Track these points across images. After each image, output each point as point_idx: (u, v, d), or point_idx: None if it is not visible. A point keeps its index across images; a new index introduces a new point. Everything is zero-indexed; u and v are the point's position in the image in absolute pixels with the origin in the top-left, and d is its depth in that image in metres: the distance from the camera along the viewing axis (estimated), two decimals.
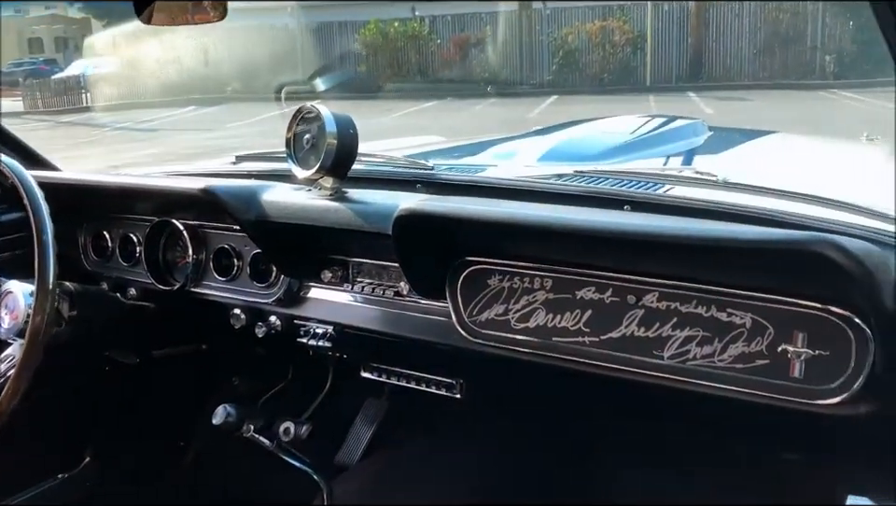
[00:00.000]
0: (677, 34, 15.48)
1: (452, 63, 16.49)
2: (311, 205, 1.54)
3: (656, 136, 2.23)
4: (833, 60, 14.18)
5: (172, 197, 1.75)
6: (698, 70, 15.35)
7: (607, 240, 1.23)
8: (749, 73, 14.84)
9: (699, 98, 13.19)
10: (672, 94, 14.05)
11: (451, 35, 16.59)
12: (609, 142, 2.16)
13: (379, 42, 16.51)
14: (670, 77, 15.52)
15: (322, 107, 1.53)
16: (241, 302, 1.75)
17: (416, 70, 16.63)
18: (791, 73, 14.43)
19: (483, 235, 1.39)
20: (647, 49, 15.41)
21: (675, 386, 1.29)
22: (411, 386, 1.74)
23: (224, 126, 13.26)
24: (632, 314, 1.32)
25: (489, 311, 1.44)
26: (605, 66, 15.48)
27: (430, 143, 2.72)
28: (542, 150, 2.02)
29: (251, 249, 1.73)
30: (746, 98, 13.05)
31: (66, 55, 28.53)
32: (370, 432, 2.13)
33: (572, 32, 15.74)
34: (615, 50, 15.39)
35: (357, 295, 1.64)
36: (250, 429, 1.73)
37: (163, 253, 1.88)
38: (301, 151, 1.58)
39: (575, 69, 15.64)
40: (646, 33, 15.43)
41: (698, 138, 2.29)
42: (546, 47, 16.06)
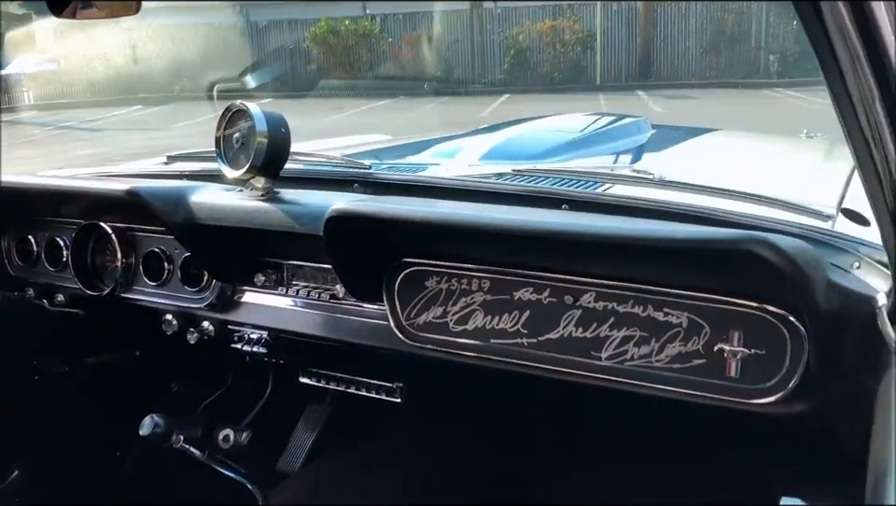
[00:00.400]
0: (626, 33, 15.65)
1: (403, 62, 16.42)
2: (241, 206, 1.49)
3: (599, 134, 2.23)
4: (776, 59, 14.49)
5: (98, 199, 1.68)
6: (647, 69, 15.54)
7: (543, 240, 1.21)
8: (696, 72, 15.08)
9: (648, 97, 13.35)
10: (622, 93, 14.19)
11: (402, 34, 16.51)
12: (553, 140, 2.14)
13: (330, 40, 16.34)
14: (620, 76, 15.69)
15: (252, 105, 1.48)
16: (172, 308, 1.69)
17: (368, 68, 16.52)
18: (736, 72, 14.70)
19: (418, 236, 1.36)
20: (597, 49, 15.55)
21: (613, 386, 1.27)
22: (350, 391, 1.70)
23: (171, 126, 13.00)
24: (569, 314, 1.30)
25: (427, 313, 1.41)
26: (556, 65, 15.57)
27: (375, 141, 2.67)
28: (485, 149, 1.99)
29: (182, 253, 1.67)
30: (693, 96, 13.25)
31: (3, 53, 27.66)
32: (311, 438, 2.08)
33: (523, 31, 15.80)
34: (566, 50, 15.49)
35: (293, 299, 1.60)
36: (180, 440, 1.67)
37: (92, 257, 1.80)
38: (231, 151, 1.53)
39: (526, 68, 15.70)
40: (595, 32, 15.57)
41: (642, 136, 2.29)
42: (498, 46, 16.10)
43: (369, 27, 16.60)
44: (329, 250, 1.38)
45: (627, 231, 1.14)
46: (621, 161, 1.92)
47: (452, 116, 12.25)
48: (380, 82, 15.89)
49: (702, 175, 1.56)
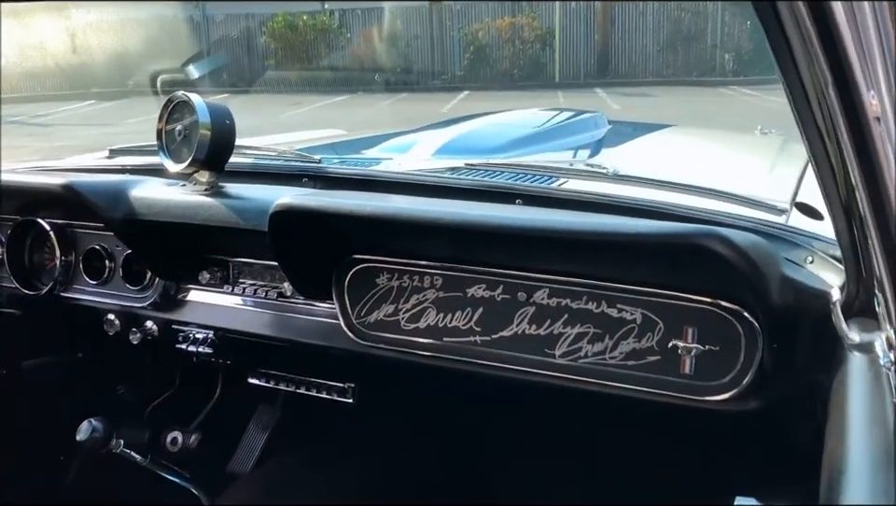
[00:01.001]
0: (584, 31, 15.72)
1: (362, 58, 16.29)
2: (183, 201, 1.43)
3: (555, 129, 2.21)
4: (731, 58, 14.69)
5: (34, 194, 1.61)
6: (605, 67, 15.63)
7: (496, 235, 1.18)
8: (653, 70, 15.21)
9: (606, 94, 13.44)
10: (580, 90, 14.27)
11: (361, 29, 16.38)
12: (508, 135, 2.12)
13: (288, 35, 16.15)
14: (578, 73, 15.76)
15: (194, 96, 1.42)
16: (114, 307, 1.63)
17: (326, 64, 16.36)
18: (693, 70, 14.88)
19: (367, 231, 1.32)
20: (555, 46, 15.60)
21: (567, 385, 1.25)
22: (301, 391, 1.66)
23: (124, 121, 12.73)
24: (523, 311, 1.27)
25: (378, 311, 1.38)
26: (515, 62, 15.58)
27: (329, 136, 2.62)
28: (439, 144, 1.96)
29: (123, 250, 1.61)
30: (650, 94, 13.38)
31: None
32: (262, 440, 2.03)
33: (483, 28, 15.78)
34: (525, 47, 15.51)
35: (239, 297, 1.55)
36: (120, 445, 1.61)
37: (29, 255, 1.73)
38: (174, 144, 1.47)
39: (486, 65, 15.69)
40: (554, 29, 15.62)
41: (598, 131, 2.28)
42: (457, 42, 16.05)
43: (327, 22, 16.44)
44: (274, 246, 1.33)
45: (580, 226, 1.12)
46: (576, 156, 1.90)
47: (411, 112, 12.20)
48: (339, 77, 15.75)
49: (656, 170, 1.55)
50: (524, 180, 1.51)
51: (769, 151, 2.14)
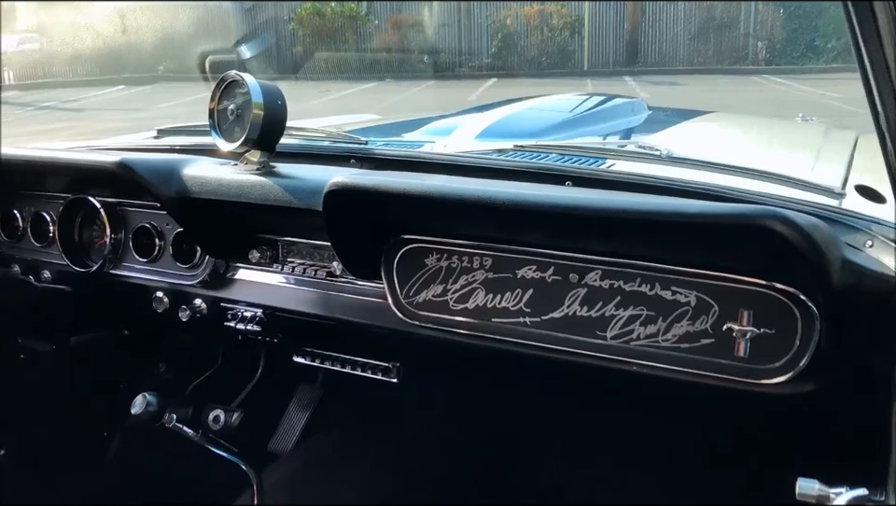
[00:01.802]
0: (613, 18, 15.59)
1: (390, 45, 16.26)
2: (235, 180, 1.44)
3: (596, 113, 2.20)
4: (764, 46, 14.50)
5: (86, 172, 1.63)
6: (634, 55, 15.49)
7: (548, 215, 1.17)
8: (683, 58, 15.05)
9: (635, 82, 13.33)
10: (609, 79, 14.16)
11: (389, 16, 16.35)
12: (549, 119, 2.11)
13: (316, 22, 16.17)
14: (607, 61, 15.64)
15: (248, 76, 1.43)
16: (163, 285, 1.65)
17: (354, 51, 16.36)
18: (724, 58, 14.70)
19: (419, 211, 1.32)
20: (584, 34, 15.48)
21: (618, 367, 1.25)
22: (346, 370, 1.67)
23: (155, 106, 12.84)
24: (574, 293, 1.27)
25: (426, 291, 1.38)
26: (543, 50, 15.49)
27: (364, 122, 2.63)
28: (481, 127, 1.96)
29: (173, 228, 1.63)
30: (680, 83, 13.25)
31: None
32: (303, 419, 2.06)
33: (511, 15, 15.70)
34: (553, 34, 15.41)
35: (288, 276, 1.56)
36: (173, 419, 1.63)
37: (79, 233, 1.75)
38: (226, 123, 1.48)
39: (513, 52, 15.62)
40: (583, 17, 15.50)
41: (637, 116, 2.27)
42: (485, 30, 15.99)
43: (355, 9, 16.44)
44: (328, 225, 1.34)
45: (637, 206, 1.11)
46: (623, 139, 1.89)
47: (438, 99, 12.19)
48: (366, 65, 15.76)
49: (706, 153, 1.53)
50: (572, 162, 1.50)
51: (814, 137, 2.12)
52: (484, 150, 1.59)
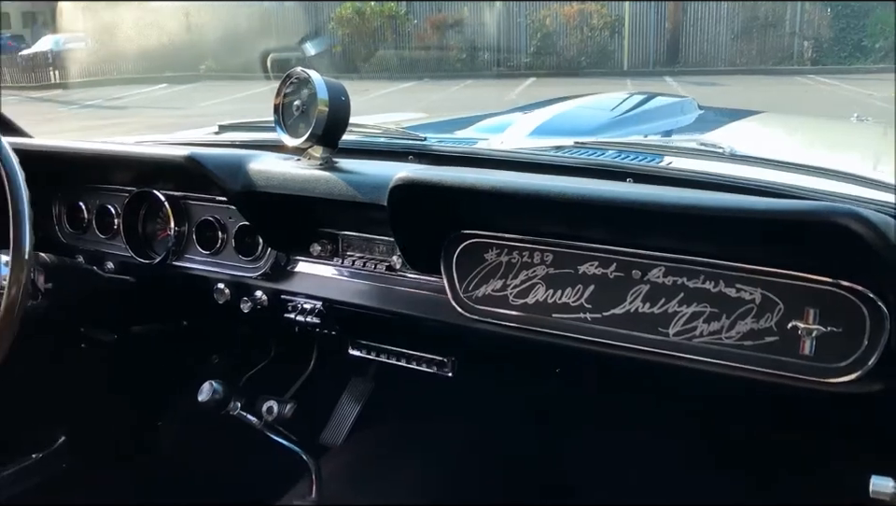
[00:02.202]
0: (654, 18, 15.46)
1: (429, 44, 16.33)
2: (301, 175, 1.47)
3: (649, 112, 2.20)
4: (810, 46, 14.26)
5: (153, 165, 1.67)
6: (675, 55, 15.36)
7: (615, 210, 1.18)
8: (725, 58, 14.88)
9: (676, 83, 13.22)
10: (649, 79, 14.06)
11: (428, 16, 16.42)
12: (602, 116, 2.11)
13: (355, 21, 16.29)
14: (647, 61, 15.52)
15: (314, 72, 1.46)
16: (225, 277, 1.68)
17: (393, 51, 16.46)
18: (768, 58, 14.49)
19: (482, 206, 1.34)
20: (624, 34, 15.39)
21: (680, 364, 1.25)
22: (401, 364, 1.69)
23: (197, 104, 13.05)
24: (636, 289, 1.27)
25: (486, 286, 1.39)
26: (582, 50, 15.43)
27: (413, 119, 2.65)
28: (534, 124, 1.97)
29: (236, 221, 1.66)
30: (721, 83, 13.10)
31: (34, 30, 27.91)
32: (355, 412, 2.09)
33: (550, 14, 15.66)
34: (593, 34, 15.34)
35: (347, 270, 1.58)
36: (237, 407, 1.66)
37: (143, 225, 1.80)
38: (291, 119, 1.51)
39: (552, 52, 15.57)
40: (624, 16, 15.40)
41: (689, 115, 2.26)
42: (524, 29, 15.97)
43: (394, 9, 16.53)
44: (392, 220, 1.36)
45: (709, 202, 1.11)
46: (680, 136, 1.89)
47: (477, 99, 12.20)
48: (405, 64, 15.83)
49: (766, 151, 1.53)
50: (630, 159, 1.50)
51: (872, 137, 2.09)
52: (542, 147, 1.60)
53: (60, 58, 19.33)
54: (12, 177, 1.32)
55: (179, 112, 12.25)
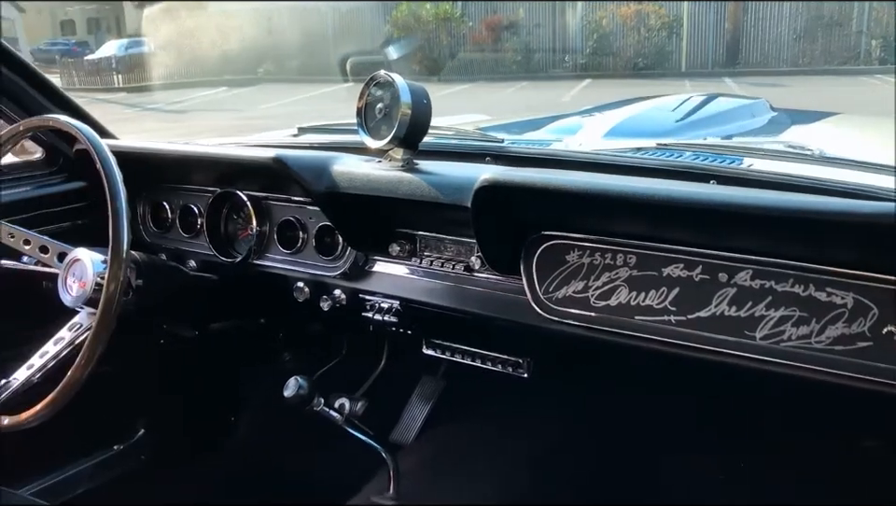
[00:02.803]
0: (713, 18, 15.21)
1: (483, 46, 16.35)
2: (384, 176, 1.50)
3: (721, 113, 2.18)
4: (878, 45, 13.83)
5: (239, 167, 1.71)
6: (735, 55, 15.07)
7: (705, 212, 1.17)
8: (787, 58, 14.54)
9: (735, 84, 12.98)
10: (708, 79, 13.83)
11: (483, 18, 16.44)
12: (674, 118, 2.10)
13: (411, 24, 16.40)
14: (706, 62, 15.27)
15: (397, 76, 1.48)
16: (305, 276, 1.72)
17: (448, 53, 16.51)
18: (833, 58, 14.12)
19: (568, 207, 1.34)
20: (683, 34, 15.17)
21: (767, 368, 1.23)
22: (476, 364, 1.70)
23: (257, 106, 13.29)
24: (723, 292, 1.26)
25: (567, 287, 1.39)
26: (639, 50, 15.26)
27: (477, 120, 2.66)
28: (608, 126, 1.96)
29: (316, 222, 1.70)
30: (782, 84, 12.81)
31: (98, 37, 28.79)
32: (426, 411, 2.11)
33: (606, 15, 15.53)
34: (650, 35, 15.16)
35: (426, 270, 1.60)
36: (321, 403, 1.69)
37: (225, 225, 1.85)
38: (373, 121, 1.54)
39: (609, 53, 15.44)
40: (682, 17, 15.18)
41: (763, 116, 2.23)
42: (580, 30, 15.87)
43: (449, 11, 16.59)
44: (475, 220, 1.37)
45: (805, 205, 1.09)
46: (761, 138, 1.86)
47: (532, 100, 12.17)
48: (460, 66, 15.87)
49: (852, 153, 1.50)
50: (711, 161, 1.49)
51: None
52: (622, 148, 1.60)
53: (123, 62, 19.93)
54: (111, 178, 1.37)
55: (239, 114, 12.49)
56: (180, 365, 2.19)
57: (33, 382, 1.47)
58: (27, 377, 1.46)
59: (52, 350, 1.48)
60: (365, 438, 1.76)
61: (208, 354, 2.17)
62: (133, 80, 19.03)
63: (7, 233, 1.58)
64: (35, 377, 1.46)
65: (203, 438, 2.30)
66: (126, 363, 2.04)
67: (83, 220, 1.97)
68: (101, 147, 1.41)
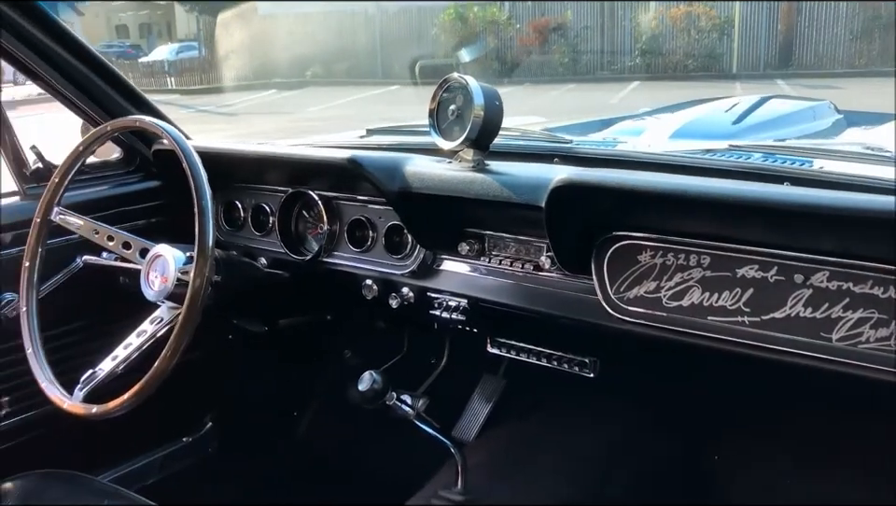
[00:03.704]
0: (766, 19, 14.94)
1: (531, 49, 16.31)
2: (456, 177, 1.52)
3: (787, 115, 2.16)
4: None
5: (313, 167, 1.76)
6: (788, 57, 14.78)
7: (784, 213, 1.17)
8: (843, 60, 14.21)
9: (788, 86, 12.72)
10: (759, 81, 13.59)
11: (530, 20, 16.41)
12: (738, 120, 2.09)
13: (458, 27, 16.44)
14: (758, 64, 15.00)
15: (470, 78, 1.51)
16: (374, 273, 1.75)
17: (495, 56, 16.50)
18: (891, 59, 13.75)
19: (644, 208, 1.35)
20: (734, 35, 14.93)
21: (842, 370, 1.23)
22: (541, 363, 1.72)
23: (306, 109, 13.46)
24: (798, 294, 1.26)
25: (638, 287, 1.40)
26: (689, 52, 15.06)
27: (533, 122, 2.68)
28: (673, 127, 1.97)
29: (386, 221, 1.73)
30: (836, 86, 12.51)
31: (150, 41, 29.46)
32: (487, 408, 2.13)
33: (656, 17, 15.38)
34: (700, 36, 14.96)
35: (494, 269, 1.62)
36: (393, 397, 1.73)
37: (296, 223, 1.90)
38: (445, 122, 1.57)
39: (658, 55, 15.27)
40: (733, 18, 14.95)
41: (828, 118, 2.21)
42: (629, 32, 15.74)
43: (497, 13, 16.60)
44: (549, 220, 1.39)
45: (885, 205, 1.09)
46: (831, 139, 1.85)
47: (581, 103, 12.11)
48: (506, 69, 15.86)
49: None
50: (783, 163, 1.49)
51: None
52: (692, 150, 1.60)
53: (175, 66, 20.41)
54: (197, 177, 1.42)
55: (288, 117, 12.65)
56: (248, 360, 2.25)
57: (116, 372, 1.53)
58: (112, 368, 1.52)
59: (135, 342, 1.54)
60: (435, 432, 1.78)
61: (275, 349, 2.22)
62: (185, 83, 19.45)
63: (93, 230, 1.64)
64: (119, 368, 1.52)
65: (268, 432, 2.35)
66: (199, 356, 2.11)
67: (157, 219, 2.04)
68: (187, 147, 1.46)
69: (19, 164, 1.83)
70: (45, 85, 1.82)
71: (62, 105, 1.89)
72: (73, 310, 1.86)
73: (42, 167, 1.86)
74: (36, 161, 1.87)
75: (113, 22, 33.19)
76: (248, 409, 2.34)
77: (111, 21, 32.96)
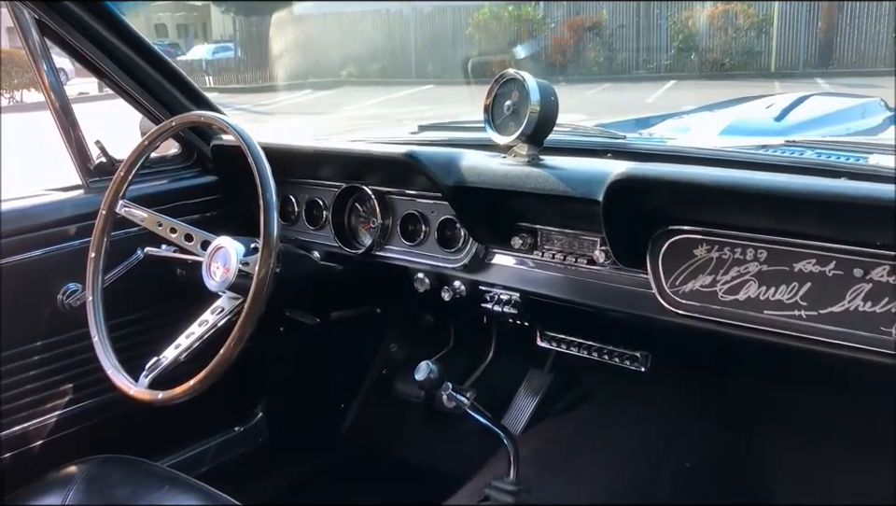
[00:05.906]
0: (806, 17, 14.72)
1: (565, 48, 16.24)
2: (511, 171, 1.55)
3: (842, 112, 2.15)
4: None
5: (371, 162, 1.79)
6: (828, 55, 14.53)
7: (845, 207, 1.18)
8: (886, 58, 13.93)
9: (828, 84, 12.52)
10: (799, 80, 13.39)
11: (565, 19, 16.35)
12: (787, 117, 2.09)
13: (492, 26, 16.43)
14: (797, 62, 14.77)
15: (527, 74, 1.53)
16: (426, 267, 1.78)
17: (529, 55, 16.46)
18: None
19: (702, 202, 1.36)
20: (772, 34, 14.72)
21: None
22: (592, 357, 1.73)
23: (340, 109, 13.55)
24: (857, 288, 1.26)
25: (694, 281, 1.41)
26: (726, 51, 14.89)
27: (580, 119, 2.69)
28: (722, 124, 1.97)
29: (438, 215, 1.76)
30: (878, 85, 12.28)
31: (187, 40, 29.87)
32: (534, 402, 2.15)
33: (692, 16, 15.22)
34: (738, 35, 14.77)
35: (546, 263, 1.64)
36: (448, 387, 1.76)
37: (349, 217, 1.93)
38: (501, 118, 1.59)
39: (694, 54, 15.12)
40: (772, 16, 14.75)
41: (880, 115, 2.19)
42: (665, 31, 15.60)
43: (531, 12, 16.56)
44: (606, 214, 1.40)
45: None
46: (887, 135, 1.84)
47: (616, 102, 12.04)
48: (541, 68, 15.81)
49: None
50: (839, 158, 1.48)
51: None
52: (747, 145, 1.60)
53: (212, 65, 20.67)
54: (262, 171, 1.47)
55: (324, 116, 12.75)
56: (299, 351, 2.29)
57: (179, 360, 1.58)
58: (175, 356, 1.58)
59: (197, 331, 1.59)
60: (488, 423, 1.81)
61: (326, 341, 2.26)
62: (222, 82, 19.68)
63: (156, 222, 1.69)
64: (182, 356, 1.57)
65: (318, 423, 2.39)
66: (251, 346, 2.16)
67: (212, 213, 2.09)
68: (252, 142, 1.50)
69: (83, 159, 1.89)
70: (110, 82, 1.88)
71: (124, 101, 1.94)
72: (134, 300, 1.91)
73: (105, 161, 1.92)
74: (100, 155, 1.92)
75: (153, 21, 33.71)
76: (298, 401, 2.38)
77: (150, 20, 33.48)
